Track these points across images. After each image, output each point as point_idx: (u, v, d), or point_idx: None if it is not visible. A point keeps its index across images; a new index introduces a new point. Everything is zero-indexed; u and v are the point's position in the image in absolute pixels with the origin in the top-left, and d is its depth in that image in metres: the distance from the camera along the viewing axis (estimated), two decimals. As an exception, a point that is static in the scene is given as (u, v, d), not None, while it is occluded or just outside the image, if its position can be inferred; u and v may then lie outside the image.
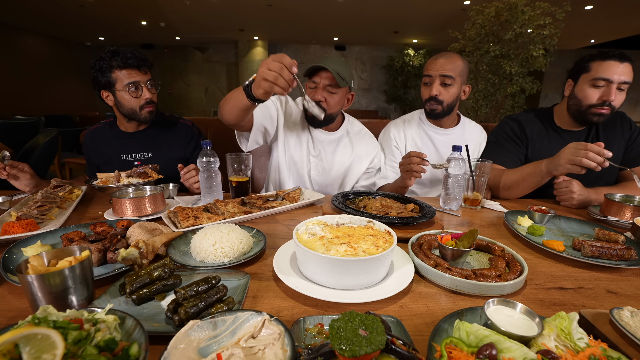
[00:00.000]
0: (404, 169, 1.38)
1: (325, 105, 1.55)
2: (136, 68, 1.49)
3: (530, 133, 1.64)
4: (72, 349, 0.42)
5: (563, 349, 0.50)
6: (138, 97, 1.52)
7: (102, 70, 1.48)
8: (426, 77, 1.65)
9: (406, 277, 0.75)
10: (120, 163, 1.63)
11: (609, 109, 1.46)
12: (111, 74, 1.47)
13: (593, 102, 1.47)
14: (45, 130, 3.26)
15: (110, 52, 1.47)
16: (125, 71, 1.47)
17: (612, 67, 1.40)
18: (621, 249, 0.89)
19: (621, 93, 1.44)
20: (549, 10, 4.68)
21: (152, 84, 1.57)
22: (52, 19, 7.66)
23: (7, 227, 0.94)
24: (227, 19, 7.81)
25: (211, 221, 1.06)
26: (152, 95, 1.57)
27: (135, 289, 0.65)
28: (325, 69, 1.48)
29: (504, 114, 5.53)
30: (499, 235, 1.11)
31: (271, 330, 0.51)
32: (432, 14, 7.09)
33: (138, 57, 1.49)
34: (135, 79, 1.49)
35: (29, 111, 7.49)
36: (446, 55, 1.61)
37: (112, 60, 1.46)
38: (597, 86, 1.45)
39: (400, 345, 0.45)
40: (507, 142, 1.66)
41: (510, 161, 1.62)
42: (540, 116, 1.68)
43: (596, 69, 1.44)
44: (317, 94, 1.53)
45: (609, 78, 1.41)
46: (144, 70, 1.52)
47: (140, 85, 1.51)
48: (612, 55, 1.41)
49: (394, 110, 11.23)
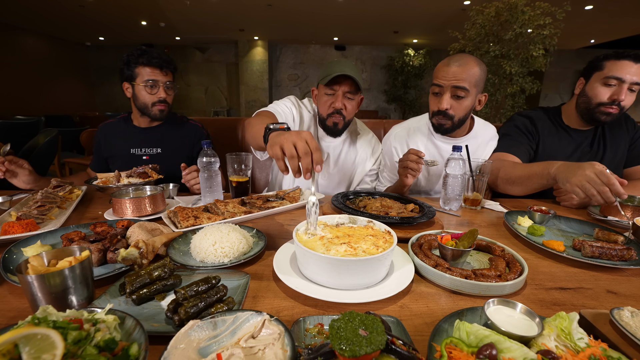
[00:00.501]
0: (401, 165, 1.38)
1: (345, 112, 1.55)
2: (158, 68, 1.58)
3: (541, 129, 1.62)
4: (72, 349, 0.42)
5: (563, 349, 0.50)
6: (153, 95, 1.60)
7: (128, 64, 1.58)
8: (435, 86, 1.46)
9: (406, 277, 0.75)
10: (129, 157, 1.68)
11: (617, 108, 1.45)
12: (135, 68, 1.57)
13: (603, 101, 1.46)
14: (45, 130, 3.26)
15: (140, 50, 1.58)
16: (149, 69, 1.57)
17: (626, 67, 1.40)
18: (621, 249, 0.89)
19: (632, 94, 1.43)
20: (549, 10, 4.68)
21: (171, 86, 1.65)
22: (52, 19, 7.66)
23: (7, 227, 0.94)
24: (227, 19, 7.81)
25: (211, 221, 1.06)
26: (167, 96, 1.64)
27: (135, 289, 0.65)
28: (344, 76, 1.47)
29: (504, 114, 5.53)
30: (499, 235, 1.11)
31: (271, 330, 0.51)
32: (432, 14, 7.08)
33: (163, 58, 1.59)
34: (154, 77, 1.58)
35: (29, 111, 7.49)
36: (460, 60, 1.39)
37: (139, 57, 1.56)
38: (609, 85, 1.44)
39: (400, 345, 0.45)
40: (519, 135, 1.62)
41: (522, 153, 1.57)
42: (548, 114, 1.67)
43: (610, 67, 1.43)
44: (337, 102, 1.52)
45: (622, 77, 1.40)
46: (166, 71, 1.61)
47: (159, 84, 1.59)
48: (628, 55, 1.41)
49: (394, 110, 11.23)
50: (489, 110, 5.72)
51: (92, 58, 10.76)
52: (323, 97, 1.56)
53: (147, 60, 1.55)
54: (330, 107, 1.55)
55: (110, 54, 10.74)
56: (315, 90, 1.65)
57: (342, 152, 1.73)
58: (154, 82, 1.58)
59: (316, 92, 1.64)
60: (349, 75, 1.45)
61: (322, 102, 1.57)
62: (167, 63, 1.60)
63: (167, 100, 1.65)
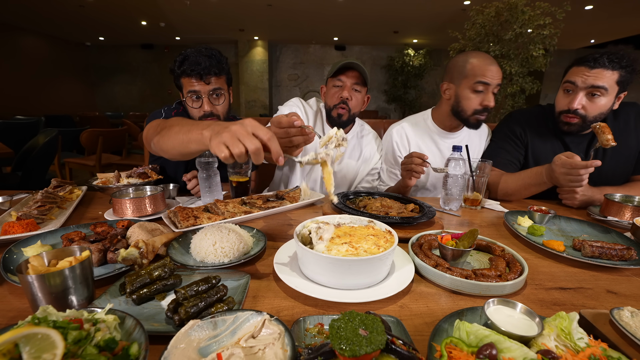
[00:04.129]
0: (405, 168, 1.38)
1: (351, 104, 1.59)
2: (198, 77, 1.39)
3: (530, 134, 1.58)
4: (72, 349, 0.42)
5: (563, 349, 0.50)
6: (198, 108, 1.45)
7: (174, 73, 1.45)
8: (481, 84, 1.45)
9: (406, 277, 0.75)
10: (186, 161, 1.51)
11: (575, 117, 1.38)
12: (180, 79, 1.44)
13: (563, 109, 1.42)
14: (45, 130, 3.25)
15: (182, 55, 1.41)
16: (188, 79, 1.41)
17: (580, 72, 1.34)
18: (621, 249, 0.89)
19: (594, 99, 1.34)
20: (549, 10, 4.68)
21: (216, 94, 1.45)
22: (52, 19, 7.66)
23: (7, 227, 0.94)
24: (227, 19, 7.81)
25: (211, 221, 1.06)
26: (214, 107, 1.45)
27: (136, 288, 0.65)
28: (352, 69, 1.52)
29: (504, 114, 5.54)
30: (499, 235, 1.11)
31: (271, 330, 0.51)
32: (432, 14, 7.08)
33: (202, 65, 1.37)
34: (195, 89, 1.41)
35: (29, 111, 7.50)
36: (494, 60, 1.49)
37: (181, 66, 1.40)
38: (567, 90, 1.40)
39: (400, 345, 0.45)
40: (507, 143, 1.61)
41: (508, 163, 1.58)
42: (544, 114, 1.59)
43: (568, 73, 1.41)
44: (344, 93, 1.56)
45: (574, 81, 1.35)
46: (207, 80, 1.40)
47: (201, 95, 1.42)
48: (586, 60, 1.33)
49: (394, 110, 11.23)
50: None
51: (92, 58, 10.76)
52: (331, 90, 1.61)
53: (187, 70, 1.38)
54: (338, 98, 1.59)
55: (110, 54, 10.74)
56: (324, 87, 1.70)
57: (347, 150, 1.74)
58: (196, 93, 1.42)
59: (324, 89, 1.69)
60: (356, 65, 1.52)
61: (330, 95, 1.62)
62: (207, 70, 1.38)
63: (214, 112, 1.45)
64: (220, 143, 0.71)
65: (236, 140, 0.70)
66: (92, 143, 4.12)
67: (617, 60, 1.30)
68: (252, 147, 0.70)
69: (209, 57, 1.40)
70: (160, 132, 1.06)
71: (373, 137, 1.82)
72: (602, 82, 1.31)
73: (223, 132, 0.72)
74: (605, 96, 1.33)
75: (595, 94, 1.33)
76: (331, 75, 1.59)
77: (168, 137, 0.99)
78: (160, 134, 1.05)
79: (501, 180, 1.50)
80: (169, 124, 1.05)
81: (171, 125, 1.02)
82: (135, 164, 2.25)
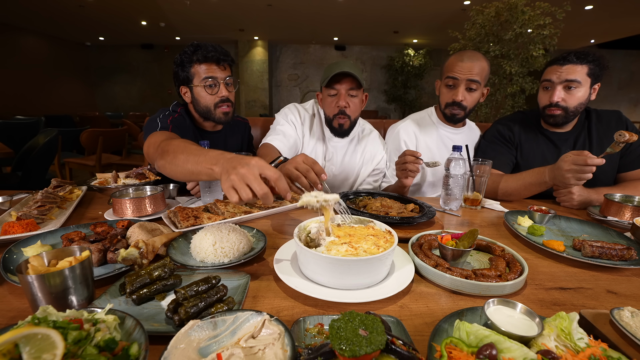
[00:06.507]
0: (399, 168, 1.39)
1: (349, 111, 1.56)
2: (215, 62, 1.41)
3: (518, 136, 1.64)
4: (72, 349, 0.42)
5: (563, 349, 0.50)
6: (214, 95, 1.44)
7: (182, 64, 1.43)
8: (450, 78, 1.55)
9: (406, 277, 0.75)
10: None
11: (557, 109, 1.49)
12: (191, 68, 1.42)
13: (545, 104, 1.52)
14: (45, 130, 3.25)
15: (193, 46, 1.41)
16: (205, 65, 1.40)
17: (554, 70, 1.47)
18: (621, 249, 0.89)
19: (571, 91, 1.46)
20: (549, 10, 4.68)
21: (231, 82, 1.48)
22: (52, 19, 7.66)
23: (7, 227, 0.94)
24: (227, 19, 7.81)
25: (211, 221, 1.06)
26: (229, 94, 1.48)
27: (136, 288, 0.65)
28: (344, 74, 1.48)
29: (503, 114, 5.54)
30: (499, 235, 1.11)
31: (271, 330, 0.51)
32: (432, 14, 7.09)
33: (219, 50, 1.41)
34: (212, 74, 1.41)
35: (29, 111, 7.50)
36: (472, 56, 1.52)
37: (193, 54, 1.40)
38: (546, 87, 1.51)
39: (400, 345, 0.45)
40: (499, 145, 1.65)
41: (504, 164, 1.61)
42: (527, 119, 1.68)
43: (544, 73, 1.52)
44: (340, 101, 1.52)
45: (550, 79, 1.48)
46: (223, 65, 1.44)
47: (218, 81, 1.43)
48: (557, 60, 1.47)
49: (394, 110, 11.23)
50: (489, 110, 5.72)
51: (92, 58, 10.76)
52: (327, 99, 1.57)
53: (202, 56, 1.39)
54: (335, 107, 1.55)
55: (110, 54, 10.75)
56: (319, 94, 1.67)
57: (348, 152, 1.73)
58: (213, 79, 1.41)
59: (320, 96, 1.65)
60: (348, 72, 1.46)
61: (327, 104, 1.59)
62: (224, 55, 1.42)
63: (230, 99, 1.48)
64: (229, 188, 0.74)
65: (244, 185, 0.73)
66: (92, 143, 4.12)
67: (583, 57, 1.43)
68: (260, 193, 0.73)
69: (217, 47, 1.43)
70: (164, 157, 1.03)
71: (376, 136, 1.80)
72: (574, 75, 1.43)
73: (232, 173, 0.74)
74: (580, 88, 1.46)
75: (571, 87, 1.45)
76: (325, 85, 1.54)
77: (175, 165, 0.98)
78: (164, 159, 1.03)
79: (502, 180, 1.52)
80: (172, 148, 1.03)
81: (175, 151, 1.01)
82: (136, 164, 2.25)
